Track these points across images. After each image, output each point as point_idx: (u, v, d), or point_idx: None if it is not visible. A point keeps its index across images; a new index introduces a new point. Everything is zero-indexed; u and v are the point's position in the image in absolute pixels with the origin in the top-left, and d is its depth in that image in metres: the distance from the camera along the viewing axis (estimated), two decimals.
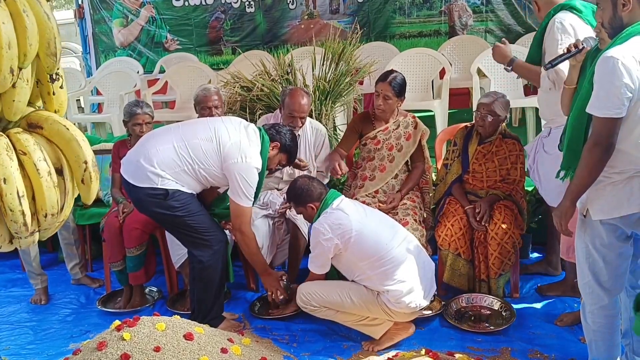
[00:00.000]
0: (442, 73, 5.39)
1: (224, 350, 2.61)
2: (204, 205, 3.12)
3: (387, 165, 3.55)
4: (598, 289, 2.32)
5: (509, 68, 3.04)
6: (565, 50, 2.43)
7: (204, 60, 7.34)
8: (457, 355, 2.34)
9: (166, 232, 3.41)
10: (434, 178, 3.82)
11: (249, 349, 2.77)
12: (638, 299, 1.74)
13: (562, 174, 2.36)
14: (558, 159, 2.40)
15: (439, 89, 5.34)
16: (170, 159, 2.92)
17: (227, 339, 2.75)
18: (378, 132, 3.57)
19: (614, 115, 2.04)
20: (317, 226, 2.90)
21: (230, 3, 7.53)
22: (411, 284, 2.86)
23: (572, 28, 2.79)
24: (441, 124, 4.88)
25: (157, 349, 2.42)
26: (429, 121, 4.43)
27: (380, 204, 3.44)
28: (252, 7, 7.47)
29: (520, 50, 4.41)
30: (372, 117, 3.63)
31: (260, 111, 4.16)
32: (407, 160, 3.60)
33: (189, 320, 2.80)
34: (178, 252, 3.45)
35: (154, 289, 3.76)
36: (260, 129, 3.09)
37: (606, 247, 2.25)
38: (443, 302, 3.26)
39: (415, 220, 3.34)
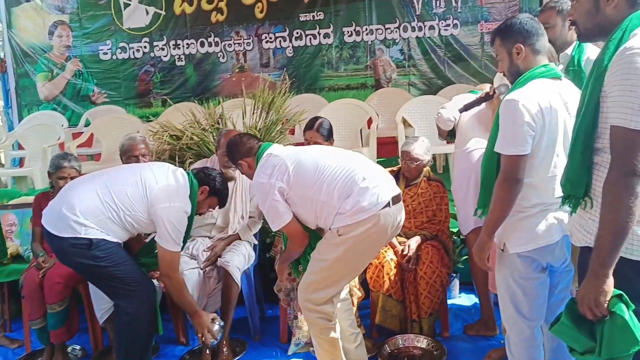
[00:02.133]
0: (369, 123, 5.59)
1: None
2: (130, 254, 3.03)
3: None
4: (520, 320, 2.40)
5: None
6: (481, 96, 2.62)
7: (133, 113, 7.28)
8: None
9: (90, 285, 3.27)
10: None
11: None
12: (569, 304, 1.78)
13: (479, 212, 2.48)
14: (458, 187, 2.48)
15: (367, 137, 5.52)
16: (94, 207, 2.84)
17: None
18: None
19: (518, 153, 2.16)
20: (256, 180, 2.72)
21: (160, 57, 7.56)
22: (365, 182, 2.61)
23: None
24: None
25: None
26: None
27: None
28: (182, 61, 7.53)
29: (440, 100, 4.70)
30: None
31: (190, 159, 4.15)
32: None
33: None
34: (102, 307, 3.30)
35: (77, 347, 3.57)
36: (189, 173, 3.06)
37: (524, 279, 2.35)
38: (377, 344, 3.27)
39: None
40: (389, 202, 2.61)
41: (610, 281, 1.69)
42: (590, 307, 1.71)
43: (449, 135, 3.46)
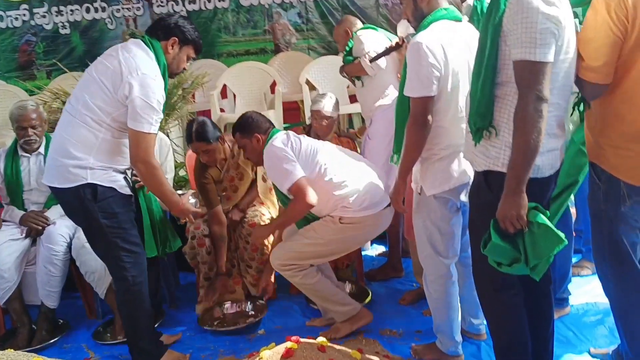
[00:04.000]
0: (273, 87, 5.54)
1: None
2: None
3: (232, 195, 3.48)
4: (437, 259, 2.52)
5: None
6: (391, 45, 2.69)
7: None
8: (318, 339, 2.38)
9: None
10: None
11: None
12: (493, 224, 1.95)
13: (395, 158, 2.56)
14: (380, 139, 2.59)
15: (271, 102, 5.47)
16: (83, 137, 2.46)
17: None
18: (223, 173, 3.43)
19: (425, 94, 2.25)
20: (271, 145, 2.83)
21: (42, 25, 6.99)
22: (366, 182, 2.86)
23: None
24: None
25: None
26: None
27: None
28: (66, 29, 6.99)
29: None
30: (207, 167, 3.38)
31: None
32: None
33: (25, 353, 2.51)
34: (2, 287, 3.08)
35: None
36: (143, 37, 2.57)
37: (440, 219, 2.47)
38: None
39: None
40: (388, 204, 2.84)
41: (525, 197, 1.87)
42: (512, 222, 1.87)
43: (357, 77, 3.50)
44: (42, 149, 3.33)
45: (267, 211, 3.45)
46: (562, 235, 1.84)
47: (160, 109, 2.48)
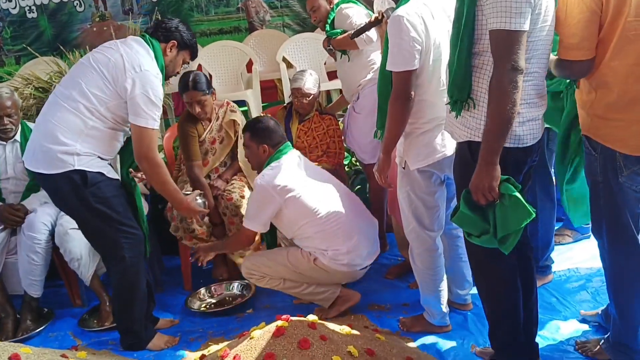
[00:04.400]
0: (249, 67, 5.47)
1: None
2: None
3: (210, 158, 3.48)
4: (422, 232, 2.54)
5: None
6: (371, 20, 2.67)
7: None
8: (309, 317, 2.39)
9: None
10: None
11: None
12: (464, 195, 1.99)
13: (378, 133, 2.55)
14: (368, 115, 2.58)
15: (248, 81, 5.41)
16: (72, 122, 2.44)
17: (61, 355, 2.48)
18: (206, 134, 3.44)
19: (407, 68, 2.24)
20: (259, 181, 2.80)
21: (7, 9, 6.78)
22: (351, 243, 2.83)
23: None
24: (255, 113, 4.94)
25: None
26: (243, 114, 4.45)
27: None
28: (34, 13, 6.80)
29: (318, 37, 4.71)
30: (196, 121, 3.42)
31: None
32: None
33: (10, 343, 2.49)
34: None
35: None
36: (144, 36, 2.61)
37: (425, 193, 2.48)
38: None
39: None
40: (366, 266, 2.94)
41: (499, 168, 1.89)
42: (484, 193, 1.91)
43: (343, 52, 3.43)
44: (17, 137, 3.25)
45: (246, 190, 3.42)
46: (531, 209, 1.87)
47: (160, 105, 2.50)
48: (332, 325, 2.41)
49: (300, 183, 2.81)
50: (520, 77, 1.81)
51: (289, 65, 5.48)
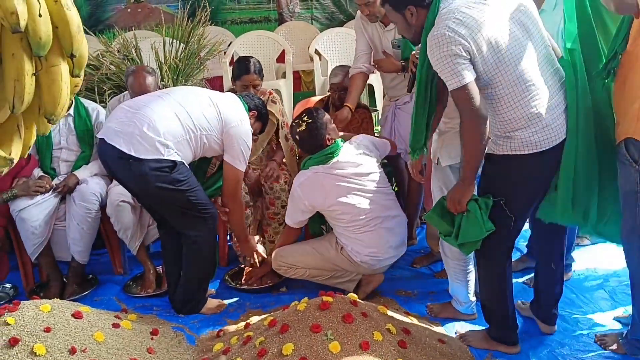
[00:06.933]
0: (281, 57, 5.63)
1: (115, 325, 2.54)
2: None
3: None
4: None
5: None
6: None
7: None
8: (349, 295, 2.57)
9: (19, 222, 3.18)
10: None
11: (138, 324, 2.72)
12: (440, 200, 2.40)
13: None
14: None
15: (277, 71, 5.58)
16: (175, 128, 2.73)
17: (114, 316, 2.67)
18: None
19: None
20: (295, 187, 3.04)
21: None
22: (378, 238, 3.01)
23: None
24: (287, 103, 5.12)
25: (47, 330, 2.28)
26: None
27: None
28: None
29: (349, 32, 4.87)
30: None
31: (110, 91, 3.99)
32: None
33: (70, 302, 2.67)
34: (34, 242, 3.22)
35: (8, 285, 3.42)
36: (240, 97, 3.05)
37: None
38: None
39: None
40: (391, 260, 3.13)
41: (472, 188, 2.27)
42: (455, 205, 2.30)
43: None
44: (71, 111, 3.43)
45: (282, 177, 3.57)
46: (485, 228, 2.24)
47: (248, 154, 2.95)
48: (370, 304, 2.59)
49: (331, 199, 2.97)
50: (482, 124, 2.11)
51: (319, 59, 5.64)
